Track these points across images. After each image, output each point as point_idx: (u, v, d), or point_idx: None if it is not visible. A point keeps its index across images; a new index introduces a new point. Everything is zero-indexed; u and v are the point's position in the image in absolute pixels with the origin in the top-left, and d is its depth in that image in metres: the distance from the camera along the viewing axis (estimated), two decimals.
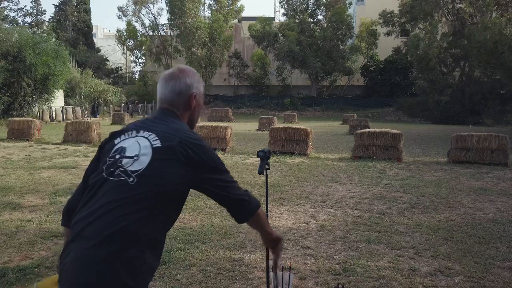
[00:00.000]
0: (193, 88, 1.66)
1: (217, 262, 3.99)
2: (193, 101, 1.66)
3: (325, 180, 8.33)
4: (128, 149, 1.48)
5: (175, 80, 1.64)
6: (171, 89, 1.64)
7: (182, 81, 1.64)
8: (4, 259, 3.96)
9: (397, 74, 41.35)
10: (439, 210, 6.09)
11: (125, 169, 1.43)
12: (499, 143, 10.42)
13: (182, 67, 1.69)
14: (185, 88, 1.64)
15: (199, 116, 1.75)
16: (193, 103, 1.66)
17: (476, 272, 3.82)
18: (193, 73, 1.69)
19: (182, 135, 1.49)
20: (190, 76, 1.67)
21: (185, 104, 1.65)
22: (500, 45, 25.61)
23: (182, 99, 1.64)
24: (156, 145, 1.46)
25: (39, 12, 46.30)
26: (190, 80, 1.66)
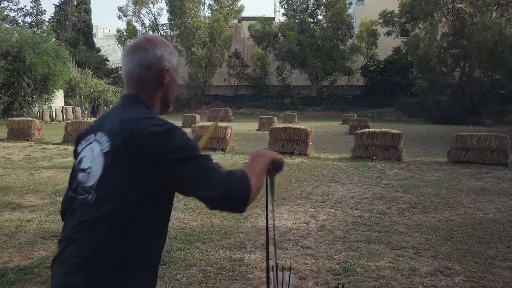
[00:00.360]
0: (165, 60, 1.38)
1: (217, 262, 3.99)
2: (166, 76, 1.38)
3: (325, 180, 8.33)
4: (83, 160, 1.31)
5: (142, 51, 1.36)
6: (138, 63, 1.35)
7: (151, 53, 1.36)
8: (4, 259, 3.96)
9: (397, 74, 41.34)
10: (439, 210, 6.09)
11: (83, 184, 1.27)
12: (499, 143, 10.42)
13: (149, 36, 1.41)
14: (154, 60, 1.36)
15: (174, 94, 1.47)
16: (166, 79, 1.38)
17: (476, 272, 3.82)
18: (163, 43, 1.40)
19: (129, 127, 1.24)
20: (161, 47, 1.38)
21: (156, 81, 1.37)
22: (500, 45, 25.60)
23: (152, 74, 1.36)
24: (105, 150, 1.25)
25: (39, 12, 46.30)
26: (161, 52, 1.38)
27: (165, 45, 1.40)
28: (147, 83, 1.37)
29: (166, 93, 1.42)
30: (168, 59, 1.39)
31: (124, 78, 1.40)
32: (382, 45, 41.30)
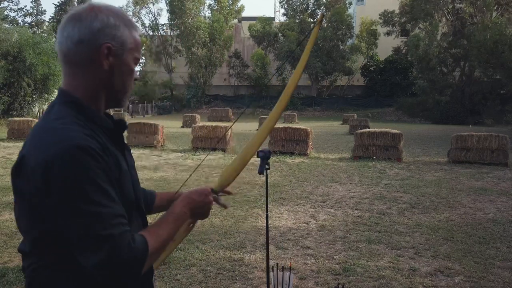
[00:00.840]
0: (106, 35, 1.02)
1: (217, 262, 3.99)
2: (104, 57, 1.02)
3: (325, 180, 8.33)
4: None
5: (76, 21, 1.02)
6: (68, 34, 1.02)
7: (86, 23, 1.01)
8: (4, 259, 3.96)
9: (397, 74, 41.34)
10: (439, 210, 6.09)
11: None
12: (499, 143, 10.42)
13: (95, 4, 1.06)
14: (89, 34, 1.01)
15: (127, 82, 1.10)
16: (105, 61, 1.03)
17: (476, 272, 3.82)
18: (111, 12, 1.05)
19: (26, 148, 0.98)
20: (104, 17, 1.03)
21: (90, 62, 1.02)
22: (500, 45, 25.59)
23: (84, 52, 1.02)
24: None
25: (39, 12, 46.33)
26: (102, 23, 1.02)
27: (115, 15, 1.05)
28: (78, 64, 1.03)
29: (110, 81, 1.06)
30: (113, 34, 1.03)
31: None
32: (382, 45, 41.30)
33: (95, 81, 1.04)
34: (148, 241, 0.99)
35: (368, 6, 44.30)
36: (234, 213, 5.72)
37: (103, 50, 1.02)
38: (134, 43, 1.09)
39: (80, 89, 1.04)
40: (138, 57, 1.12)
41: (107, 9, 1.05)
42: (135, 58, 1.10)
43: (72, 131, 0.94)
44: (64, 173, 0.90)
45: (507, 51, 25.02)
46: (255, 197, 6.72)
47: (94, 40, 1.01)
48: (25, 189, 0.95)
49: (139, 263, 0.96)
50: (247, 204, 6.23)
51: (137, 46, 1.10)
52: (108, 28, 1.03)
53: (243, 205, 6.16)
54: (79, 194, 0.90)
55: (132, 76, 1.11)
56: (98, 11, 1.03)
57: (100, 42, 1.02)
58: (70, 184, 0.90)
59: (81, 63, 1.03)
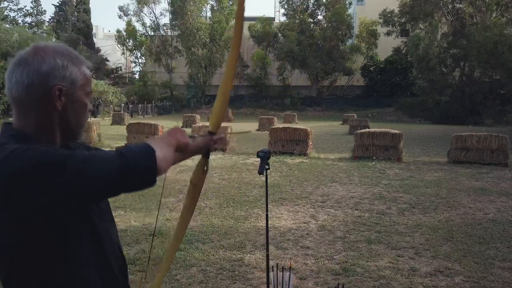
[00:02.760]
0: (56, 77, 1.02)
1: (217, 262, 3.99)
2: (57, 100, 1.03)
3: (325, 180, 8.33)
4: None
5: (23, 66, 1.02)
6: (17, 80, 1.02)
7: (33, 68, 1.01)
8: None
9: (397, 74, 41.35)
10: (439, 210, 6.09)
11: None
12: (499, 143, 10.42)
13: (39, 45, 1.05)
14: (38, 78, 1.01)
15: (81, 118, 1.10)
16: (57, 102, 1.03)
17: (476, 272, 3.82)
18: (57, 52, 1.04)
19: None
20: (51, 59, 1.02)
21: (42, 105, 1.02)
22: (500, 45, 25.59)
23: (34, 97, 1.02)
24: None
25: (39, 12, 46.30)
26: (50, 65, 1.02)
27: (62, 55, 1.04)
28: (30, 107, 1.03)
29: (65, 119, 1.06)
30: (62, 75, 1.03)
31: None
32: (382, 45, 41.30)
33: (48, 121, 1.04)
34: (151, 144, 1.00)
35: (368, 6, 44.31)
36: (234, 213, 5.72)
37: (55, 92, 1.02)
38: (84, 78, 1.09)
39: (31, 127, 1.04)
40: (89, 90, 1.12)
41: (52, 50, 1.04)
42: (86, 92, 1.10)
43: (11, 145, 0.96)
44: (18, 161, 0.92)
45: (507, 52, 25.03)
46: (255, 197, 6.72)
47: (44, 84, 1.01)
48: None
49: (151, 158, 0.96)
50: (247, 204, 6.23)
51: (87, 81, 1.10)
52: (57, 70, 1.02)
53: (243, 205, 6.16)
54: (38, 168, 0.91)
55: (86, 110, 1.11)
56: (44, 54, 1.02)
57: (50, 85, 1.02)
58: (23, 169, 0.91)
59: (32, 105, 1.03)
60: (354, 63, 42.27)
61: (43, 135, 1.04)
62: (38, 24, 44.58)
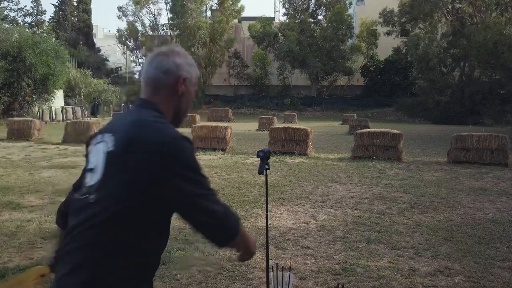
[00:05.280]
0: (183, 70, 1.40)
1: (217, 262, 3.99)
2: (181, 85, 1.40)
3: (325, 180, 8.33)
4: (90, 159, 1.32)
5: (164, 56, 1.40)
6: (156, 66, 1.39)
7: (171, 59, 1.40)
8: (4, 259, 3.96)
9: (397, 74, 41.34)
10: (439, 210, 6.09)
11: (87, 185, 1.27)
12: (499, 143, 10.42)
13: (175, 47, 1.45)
14: (173, 67, 1.39)
15: (188, 107, 1.47)
16: (181, 88, 1.40)
17: (476, 272, 3.82)
18: (185, 54, 1.45)
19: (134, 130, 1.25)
20: (182, 56, 1.43)
21: (171, 87, 1.39)
22: (500, 45, 25.59)
23: (168, 80, 1.38)
24: (108, 150, 1.25)
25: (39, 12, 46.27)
26: (181, 60, 1.41)
27: (186, 56, 1.44)
28: (163, 88, 1.38)
29: (180, 103, 1.42)
30: (186, 70, 1.42)
31: (142, 82, 1.42)
32: (382, 45, 41.29)
33: (171, 101, 1.40)
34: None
35: (368, 6, 44.30)
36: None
37: (181, 79, 1.40)
38: (196, 78, 1.47)
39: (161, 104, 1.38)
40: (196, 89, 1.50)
41: (184, 52, 1.45)
42: (195, 90, 1.48)
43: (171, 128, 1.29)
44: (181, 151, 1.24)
45: (507, 52, 25.03)
46: (255, 197, 6.72)
47: (176, 72, 1.39)
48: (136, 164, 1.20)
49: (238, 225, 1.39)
50: (247, 204, 6.23)
51: (196, 82, 1.48)
52: (186, 65, 1.42)
53: (243, 205, 6.16)
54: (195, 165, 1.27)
55: (191, 101, 1.47)
56: (178, 53, 1.43)
57: (179, 74, 1.39)
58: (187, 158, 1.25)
59: (164, 87, 1.38)
60: (354, 63, 42.24)
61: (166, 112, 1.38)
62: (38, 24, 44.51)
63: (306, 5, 43.54)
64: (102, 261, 1.19)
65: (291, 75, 43.74)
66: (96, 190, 1.22)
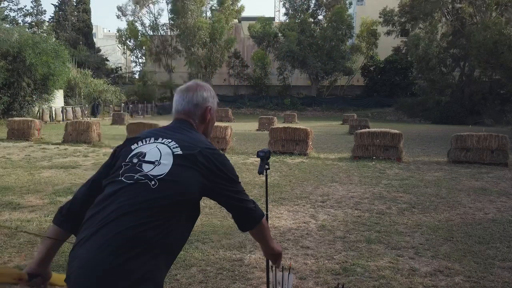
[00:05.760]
0: (209, 101, 1.73)
1: (217, 262, 3.99)
2: (208, 114, 1.72)
3: (325, 180, 8.33)
4: (148, 155, 1.51)
5: (193, 92, 1.71)
6: (188, 101, 1.70)
7: (199, 94, 1.71)
8: (4, 259, 3.96)
9: (397, 74, 41.36)
10: (439, 210, 6.09)
11: (146, 173, 1.45)
12: (499, 143, 10.42)
13: (199, 82, 1.76)
14: (201, 100, 1.70)
15: (212, 129, 1.82)
16: (208, 116, 1.72)
17: (476, 272, 3.82)
18: (209, 88, 1.76)
19: (202, 145, 1.55)
20: (207, 90, 1.74)
21: (201, 116, 1.71)
22: (500, 45, 25.59)
23: (199, 111, 1.70)
24: (177, 152, 1.50)
25: (39, 12, 46.31)
26: (207, 94, 1.73)
27: (210, 90, 1.76)
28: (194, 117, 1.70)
29: (207, 127, 1.75)
30: (211, 101, 1.74)
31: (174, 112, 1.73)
32: (382, 45, 41.32)
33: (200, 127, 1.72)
34: None
35: (368, 6, 44.32)
36: None
37: (208, 110, 1.73)
38: (216, 107, 1.81)
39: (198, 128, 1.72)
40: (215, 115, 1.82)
41: (206, 85, 1.77)
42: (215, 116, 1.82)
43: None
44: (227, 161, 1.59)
45: (507, 51, 25.03)
46: (255, 197, 6.72)
47: (204, 104, 1.72)
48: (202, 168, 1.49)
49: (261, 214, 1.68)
50: None
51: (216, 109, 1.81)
52: (210, 98, 1.75)
53: None
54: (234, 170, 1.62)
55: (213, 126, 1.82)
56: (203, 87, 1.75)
57: (206, 105, 1.72)
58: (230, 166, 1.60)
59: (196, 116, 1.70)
60: (354, 63, 42.28)
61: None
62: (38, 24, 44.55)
63: (306, 5, 43.57)
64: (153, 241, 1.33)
65: (291, 75, 43.75)
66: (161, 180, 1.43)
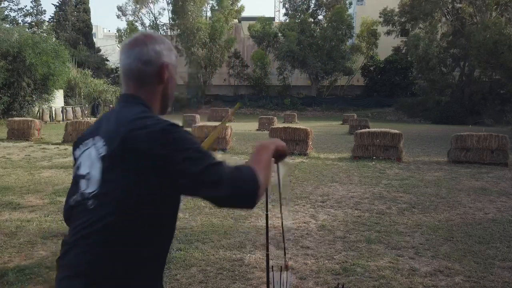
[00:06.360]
0: (164, 56, 1.34)
1: (217, 262, 3.99)
2: (165, 71, 1.34)
3: (325, 180, 8.33)
4: (82, 166, 1.28)
5: (141, 46, 1.32)
6: (136, 57, 1.31)
7: (150, 48, 1.32)
8: (4, 259, 3.96)
9: (397, 74, 41.33)
10: (439, 210, 6.09)
11: (82, 192, 1.24)
12: (499, 143, 10.42)
13: (148, 33, 1.37)
14: (154, 56, 1.32)
15: (173, 92, 1.42)
16: (165, 74, 1.34)
17: (476, 272, 3.82)
18: (162, 39, 1.37)
19: (126, 128, 1.19)
20: (159, 43, 1.34)
21: (156, 77, 1.33)
22: (500, 45, 25.57)
23: (151, 70, 1.32)
24: (102, 154, 1.22)
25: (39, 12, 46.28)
26: (160, 47, 1.34)
27: (164, 41, 1.36)
28: (146, 79, 1.32)
29: (166, 90, 1.37)
30: (167, 55, 1.35)
31: (121, 75, 1.35)
32: (382, 45, 41.29)
33: (156, 90, 1.35)
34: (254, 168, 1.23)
35: (368, 6, 44.30)
36: (234, 213, 5.72)
37: (164, 67, 1.33)
38: (176, 61, 1.41)
39: (145, 97, 1.33)
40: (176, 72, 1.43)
41: (159, 37, 1.37)
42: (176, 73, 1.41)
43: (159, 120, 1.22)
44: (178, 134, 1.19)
45: (507, 51, 25.02)
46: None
47: (158, 60, 1.32)
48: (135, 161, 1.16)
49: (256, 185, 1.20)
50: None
51: (176, 64, 1.42)
52: (164, 51, 1.35)
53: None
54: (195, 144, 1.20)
55: (175, 86, 1.43)
56: (155, 38, 1.35)
57: (161, 61, 1.33)
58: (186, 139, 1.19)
59: (148, 78, 1.32)
60: (354, 63, 42.25)
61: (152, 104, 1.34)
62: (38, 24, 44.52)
63: (306, 5, 43.55)
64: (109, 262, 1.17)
65: (291, 75, 43.74)
66: (95, 196, 1.20)
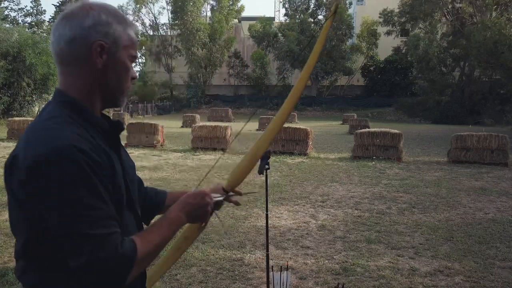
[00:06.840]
0: (98, 32, 0.99)
1: (217, 262, 3.99)
2: (97, 54, 0.99)
3: (325, 180, 8.33)
4: None
5: (68, 19, 1.00)
6: (60, 35, 1.00)
7: (77, 21, 0.99)
8: (4, 259, 3.97)
9: (397, 74, 41.34)
10: (439, 210, 6.09)
11: None
12: (499, 143, 10.43)
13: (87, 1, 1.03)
14: (80, 32, 0.98)
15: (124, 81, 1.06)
16: (98, 59, 1.00)
17: (476, 272, 3.82)
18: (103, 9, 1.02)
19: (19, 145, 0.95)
20: (95, 14, 1.00)
21: (83, 61, 0.99)
22: (500, 45, 25.59)
23: (76, 51, 0.99)
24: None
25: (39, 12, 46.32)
26: (94, 20, 0.99)
27: (107, 12, 1.02)
28: (72, 63, 1.00)
29: (105, 80, 1.02)
30: (105, 31, 1.00)
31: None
32: (382, 45, 41.29)
33: (89, 80, 1.01)
34: (137, 246, 0.95)
35: (368, 6, 44.31)
36: (234, 213, 5.72)
37: (95, 47, 0.99)
38: (129, 40, 1.05)
39: (75, 88, 1.01)
40: (134, 54, 1.07)
41: (99, 7, 1.02)
42: (131, 56, 1.06)
43: (63, 131, 0.92)
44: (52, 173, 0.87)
45: (507, 51, 25.04)
46: (255, 197, 6.72)
47: (86, 38, 0.98)
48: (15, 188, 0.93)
49: (125, 268, 0.93)
50: (247, 204, 6.23)
51: (132, 44, 1.06)
52: (99, 25, 1.00)
53: (242, 205, 6.16)
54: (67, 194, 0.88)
55: (128, 75, 1.07)
56: (90, 9, 1.00)
57: (91, 40, 0.99)
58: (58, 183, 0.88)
59: (74, 62, 1.00)
60: (354, 63, 42.27)
61: (87, 98, 1.02)
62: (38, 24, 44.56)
63: (306, 5, 43.55)
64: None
65: (291, 75, 43.74)
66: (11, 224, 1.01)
